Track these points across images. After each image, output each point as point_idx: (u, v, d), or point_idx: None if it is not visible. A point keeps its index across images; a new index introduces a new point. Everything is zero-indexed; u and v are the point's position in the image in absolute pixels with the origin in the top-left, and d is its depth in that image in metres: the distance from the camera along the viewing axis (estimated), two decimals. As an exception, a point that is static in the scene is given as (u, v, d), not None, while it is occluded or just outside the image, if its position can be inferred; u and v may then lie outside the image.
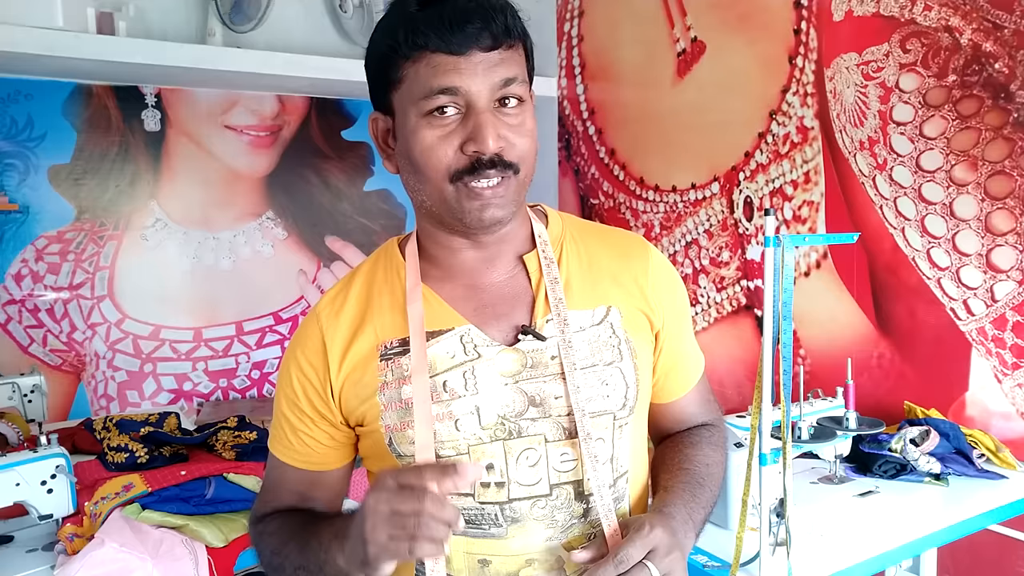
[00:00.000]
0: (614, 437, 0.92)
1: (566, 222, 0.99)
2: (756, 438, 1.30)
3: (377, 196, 3.22)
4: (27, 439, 1.97)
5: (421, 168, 0.85)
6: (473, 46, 0.81)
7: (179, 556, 1.46)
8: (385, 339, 0.90)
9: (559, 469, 0.88)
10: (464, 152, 0.83)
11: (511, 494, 0.87)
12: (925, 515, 1.61)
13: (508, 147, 0.84)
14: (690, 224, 2.71)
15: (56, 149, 2.59)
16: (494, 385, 0.88)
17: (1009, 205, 1.85)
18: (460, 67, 0.81)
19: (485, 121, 0.82)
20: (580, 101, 3.10)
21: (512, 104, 0.85)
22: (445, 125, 0.83)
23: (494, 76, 0.82)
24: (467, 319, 0.90)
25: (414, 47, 0.82)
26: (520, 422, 0.87)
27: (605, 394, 0.90)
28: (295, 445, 0.96)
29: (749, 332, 2.55)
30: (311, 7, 2.93)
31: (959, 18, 1.91)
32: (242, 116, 2.88)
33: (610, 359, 0.91)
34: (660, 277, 0.98)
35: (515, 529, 0.87)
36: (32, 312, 2.58)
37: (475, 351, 0.89)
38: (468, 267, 0.92)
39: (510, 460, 0.87)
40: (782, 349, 1.27)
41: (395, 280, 0.93)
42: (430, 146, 0.83)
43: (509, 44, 0.84)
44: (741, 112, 2.48)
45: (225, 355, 2.92)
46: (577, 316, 0.91)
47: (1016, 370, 1.87)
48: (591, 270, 0.95)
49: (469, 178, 0.83)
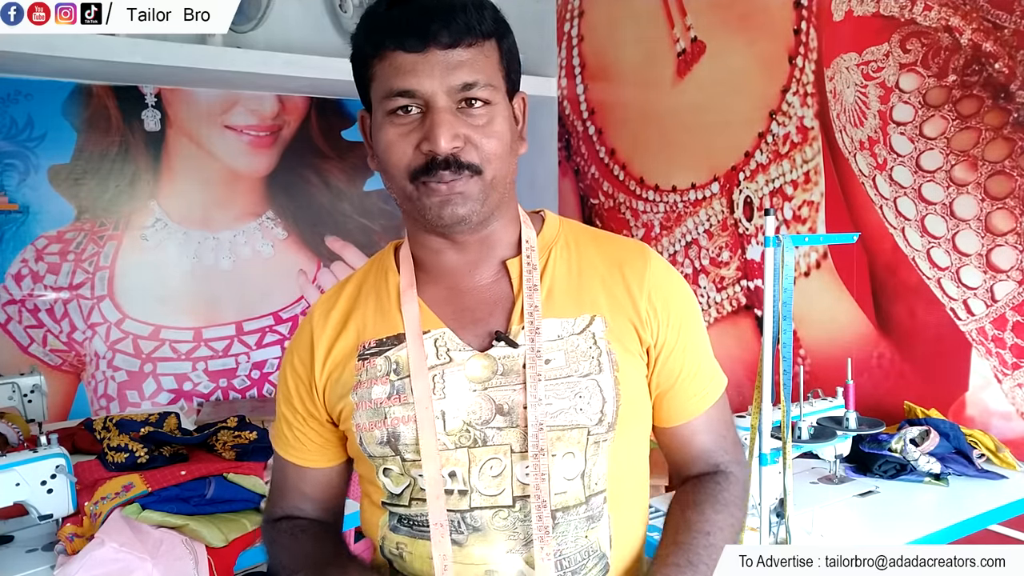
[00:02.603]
0: (587, 452, 0.87)
1: (563, 228, 0.96)
2: (756, 438, 1.30)
3: (377, 196, 3.22)
4: (27, 439, 1.97)
5: (385, 165, 0.86)
6: (431, 44, 0.81)
7: (179, 556, 1.46)
8: (365, 339, 0.91)
9: (524, 481, 0.85)
10: (420, 150, 0.83)
11: (472, 503, 0.85)
12: (925, 515, 1.61)
13: (469, 148, 0.83)
14: (690, 224, 2.71)
15: (56, 149, 2.59)
16: (461, 391, 0.86)
17: (1009, 205, 1.85)
18: (417, 67, 0.81)
19: (439, 121, 0.81)
20: (580, 101, 3.10)
21: (478, 105, 0.83)
22: (405, 124, 0.83)
23: (453, 78, 0.81)
24: (444, 322, 0.89)
25: (376, 46, 0.83)
26: (486, 430, 0.85)
27: (578, 407, 0.86)
28: (291, 442, 0.98)
29: (749, 332, 2.55)
30: (311, 7, 2.93)
31: (959, 18, 1.91)
32: (242, 116, 2.88)
33: (587, 371, 0.86)
34: (659, 289, 0.92)
35: (475, 538, 0.86)
36: (32, 312, 2.58)
37: (447, 355, 0.87)
38: (450, 269, 0.91)
39: (473, 468, 0.85)
40: (782, 349, 1.27)
41: (382, 283, 0.94)
42: (390, 143, 0.84)
43: (471, 42, 0.82)
44: (741, 112, 2.48)
45: (225, 355, 2.92)
46: (555, 324, 0.88)
47: (1016, 370, 1.87)
48: (580, 277, 0.91)
49: (425, 177, 0.83)
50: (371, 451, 0.88)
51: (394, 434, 0.86)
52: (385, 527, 0.91)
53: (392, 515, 0.91)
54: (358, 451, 0.91)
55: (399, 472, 0.88)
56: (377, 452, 0.88)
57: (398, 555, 0.90)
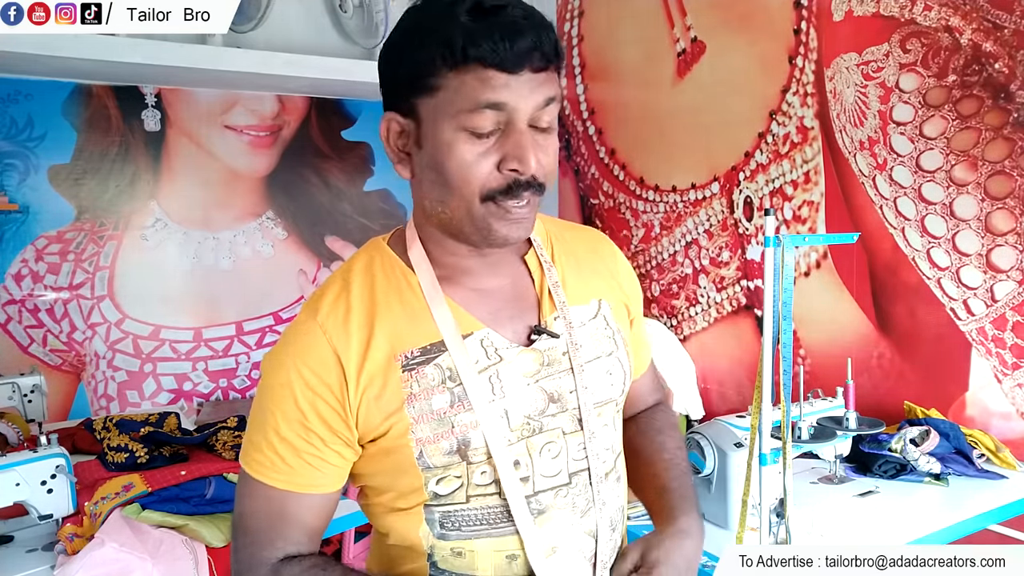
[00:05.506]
0: (615, 422, 0.98)
1: (544, 222, 1.01)
2: (756, 438, 1.30)
3: (377, 196, 3.22)
4: (27, 439, 1.97)
5: (452, 183, 0.82)
6: (526, 65, 0.80)
7: (179, 556, 1.46)
8: (403, 349, 0.86)
9: (576, 458, 0.92)
10: (500, 171, 0.82)
11: (536, 487, 0.89)
12: (925, 515, 1.61)
13: (539, 168, 0.83)
14: (690, 224, 2.71)
15: (56, 149, 2.58)
16: (518, 386, 0.89)
17: (1009, 205, 1.85)
18: (511, 84, 0.80)
19: (527, 142, 0.81)
20: (580, 101, 3.11)
21: (544, 125, 0.84)
22: (483, 142, 0.82)
23: (538, 95, 0.82)
24: (483, 323, 0.90)
25: (466, 58, 0.79)
26: (543, 419, 0.90)
27: (610, 383, 0.95)
28: (298, 470, 0.87)
29: (749, 332, 2.55)
30: (311, 7, 2.93)
31: (959, 18, 1.91)
32: (242, 116, 2.88)
33: (609, 349, 0.96)
34: (626, 268, 1.05)
35: (541, 520, 0.89)
36: (32, 312, 2.58)
37: (496, 354, 0.89)
38: (475, 272, 0.92)
39: (534, 455, 0.89)
40: (782, 349, 1.27)
41: (402, 285, 0.90)
42: (468, 163, 0.81)
43: (556, 66, 0.84)
44: (741, 112, 2.48)
45: (225, 355, 2.92)
46: (577, 312, 0.95)
47: (1016, 370, 1.87)
48: (578, 267, 0.99)
49: (503, 198, 0.82)
50: (433, 462, 0.86)
51: (464, 441, 0.86)
52: (431, 537, 0.89)
53: (433, 520, 0.88)
54: (406, 465, 0.86)
55: (456, 476, 0.87)
56: (441, 462, 0.86)
57: (456, 555, 0.89)
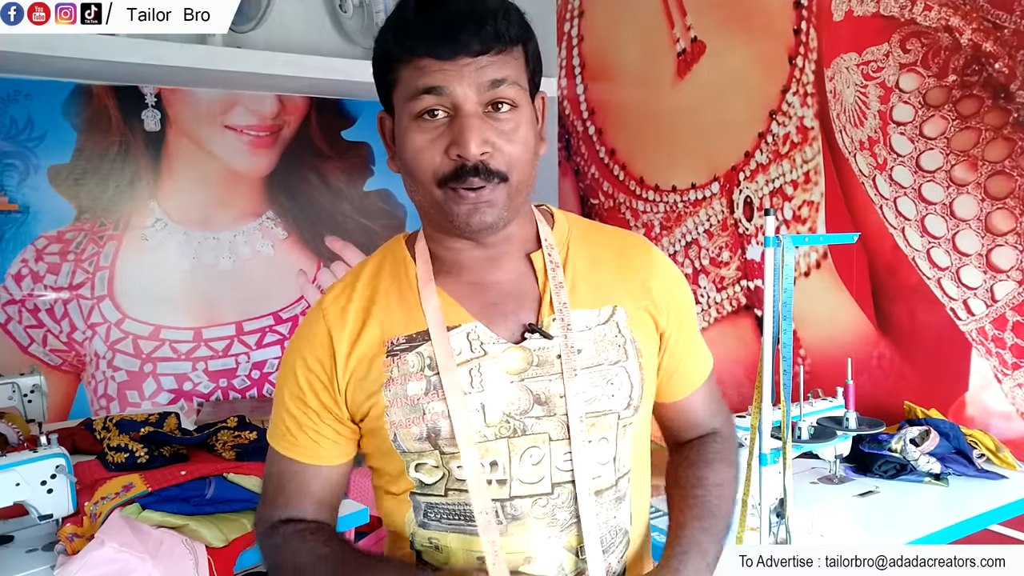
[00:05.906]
0: (617, 437, 0.92)
1: (571, 222, 0.99)
2: (756, 438, 1.30)
3: (377, 196, 3.22)
4: (27, 439, 1.97)
5: (411, 170, 0.86)
6: (461, 52, 0.81)
7: (179, 556, 1.46)
8: (392, 335, 0.90)
9: (561, 468, 0.89)
10: (449, 156, 0.83)
11: (512, 491, 0.88)
12: (925, 515, 1.61)
13: (495, 154, 0.83)
14: (690, 224, 2.71)
15: (56, 149, 2.59)
16: (499, 383, 0.88)
17: (1009, 205, 1.85)
18: (445, 69, 0.82)
19: (469, 125, 0.81)
20: (580, 101, 3.11)
21: (504, 109, 0.84)
22: (433, 128, 0.83)
23: (482, 77, 0.82)
24: (474, 316, 0.90)
25: (404, 51, 0.83)
26: (525, 420, 0.88)
27: (610, 393, 0.90)
28: (301, 440, 0.95)
29: (749, 332, 2.55)
30: (311, 7, 2.93)
31: (959, 18, 1.91)
32: (242, 116, 2.88)
33: (615, 358, 0.91)
34: (664, 276, 0.99)
35: (515, 526, 0.88)
36: (32, 312, 2.58)
37: (481, 348, 0.89)
38: (472, 266, 0.92)
39: (513, 458, 0.88)
40: (782, 349, 1.28)
41: (402, 276, 0.93)
42: (418, 149, 0.84)
43: (500, 49, 0.83)
44: (741, 112, 2.48)
45: (225, 355, 2.92)
46: (583, 315, 0.92)
47: (1016, 370, 1.87)
48: (597, 270, 0.95)
49: (454, 183, 0.83)
50: (406, 447, 0.89)
51: (434, 429, 0.87)
52: (413, 524, 0.92)
53: (418, 508, 0.91)
54: (386, 447, 0.90)
55: (434, 465, 0.89)
56: (414, 448, 0.88)
57: (432, 547, 0.91)
